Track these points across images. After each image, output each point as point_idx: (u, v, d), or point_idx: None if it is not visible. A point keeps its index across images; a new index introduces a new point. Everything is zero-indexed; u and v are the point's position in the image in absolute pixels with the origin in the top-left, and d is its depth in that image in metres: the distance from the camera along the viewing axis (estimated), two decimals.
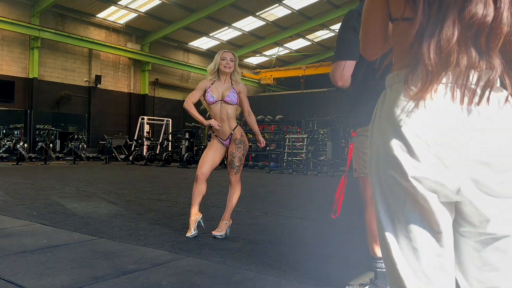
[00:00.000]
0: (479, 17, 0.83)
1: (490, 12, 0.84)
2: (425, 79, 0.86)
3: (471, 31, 0.85)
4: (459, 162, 0.87)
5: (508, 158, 0.88)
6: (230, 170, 3.76)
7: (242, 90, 3.77)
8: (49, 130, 18.19)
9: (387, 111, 0.95)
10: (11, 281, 2.44)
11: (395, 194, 0.93)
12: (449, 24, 0.84)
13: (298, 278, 2.58)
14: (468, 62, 0.86)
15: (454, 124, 0.87)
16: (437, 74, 0.86)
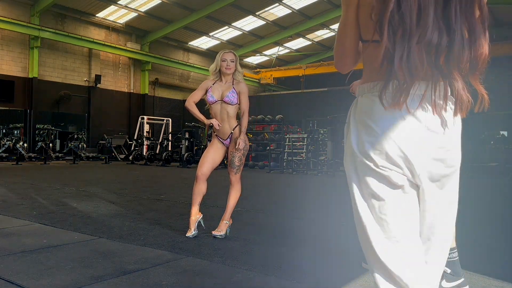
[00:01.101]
0: (435, 43, 1.04)
1: (444, 38, 1.04)
2: (399, 92, 1.06)
3: (431, 54, 1.05)
4: (419, 158, 1.12)
5: (456, 155, 1.17)
6: (230, 170, 3.77)
7: (242, 91, 3.78)
8: (49, 130, 18.18)
9: (360, 116, 1.17)
10: (11, 281, 2.44)
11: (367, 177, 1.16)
12: (413, 49, 1.03)
13: (298, 278, 2.58)
14: (431, 78, 1.08)
15: (417, 127, 1.10)
16: (407, 89, 1.06)
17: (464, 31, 1.06)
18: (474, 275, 2.75)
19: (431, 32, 1.04)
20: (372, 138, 1.14)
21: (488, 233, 4.22)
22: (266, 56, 25.32)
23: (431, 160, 1.14)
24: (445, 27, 1.06)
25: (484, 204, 6.72)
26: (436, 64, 1.07)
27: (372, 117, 1.14)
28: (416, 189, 1.18)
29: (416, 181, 1.16)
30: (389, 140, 1.12)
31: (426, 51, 1.05)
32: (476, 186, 9.91)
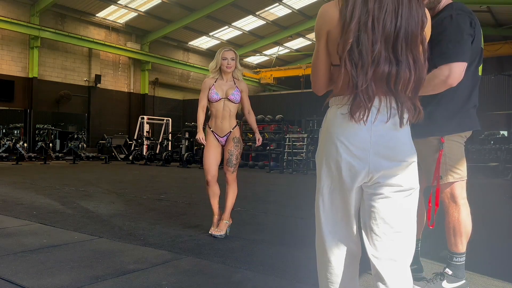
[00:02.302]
0: (386, 72, 1.38)
1: (393, 69, 1.38)
2: (362, 106, 1.39)
3: (384, 79, 1.40)
4: (369, 156, 1.42)
5: (406, 152, 1.46)
6: (227, 169, 3.74)
7: (244, 89, 3.80)
8: (49, 130, 18.19)
9: (328, 125, 1.50)
10: (11, 281, 2.44)
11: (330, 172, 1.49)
12: (370, 77, 1.37)
13: (298, 278, 2.58)
14: (384, 96, 1.42)
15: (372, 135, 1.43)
16: (368, 103, 1.39)
17: (410, 61, 1.40)
18: (474, 275, 2.75)
19: (383, 65, 1.38)
20: (333, 146, 1.47)
21: (488, 233, 4.22)
22: (266, 56, 25.32)
23: (383, 159, 1.43)
24: (394, 59, 1.39)
25: (484, 204, 6.72)
26: (388, 87, 1.40)
27: (336, 127, 1.47)
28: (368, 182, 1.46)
29: (370, 176, 1.44)
30: (346, 149, 1.44)
31: (380, 78, 1.39)
32: (476, 186, 9.92)
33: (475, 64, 2.31)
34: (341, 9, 1.41)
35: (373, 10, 1.37)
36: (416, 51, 1.42)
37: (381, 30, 1.38)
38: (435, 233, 4.19)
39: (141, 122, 19.12)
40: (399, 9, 1.38)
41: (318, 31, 1.50)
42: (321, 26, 1.48)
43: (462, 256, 2.42)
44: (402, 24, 1.38)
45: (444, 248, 3.49)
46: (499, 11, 16.74)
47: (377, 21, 1.37)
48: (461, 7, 2.30)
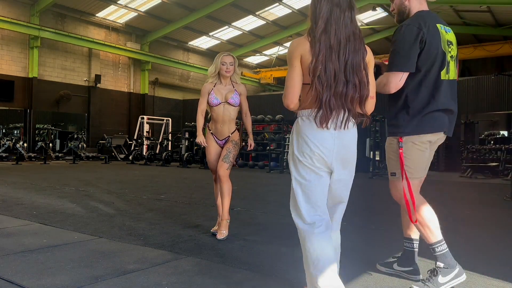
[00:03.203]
0: (340, 91, 2.00)
1: (345, 89, 2.01)
2: (325, 117, 1.99)
3: (343, 97, 2.01)
4: (333, 157, 2.05)
5: (353, 153, 2.13)
6: (221, 164, 3.71)
7: (242, 92, 3.85)
8: (49, 130, 18.19)
9: (300, 131, 2.07)
10: (11, 281, 2.44)
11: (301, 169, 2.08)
12: (331, 94, 1.99)
13: (298, 278, 2.58)
14: (342, 109, 2.02)
15: (333, 139, 2.03)
16: (328, 117, 1.99)
17: (356, 82, 2.01)
18: (474, 275, 2.75)
19: (340, 86, 1.99)
20: (307, 146, 2.04)
21: (488, 233, 4.22)
22: (266, 56, 25.31)
23: (340, 157, 2.06)
24: (346, 81, 2.00)
25: (484, 204, 6.72)
26: (342, 102, 2.01)
27: (308, 133, 2.04)
28: (329, 175, 2.10)
29: (331, 170, 2.09)
30: (317, 148, 2.03)
31: (338, 96, 2.00)
32: (476, 186, 9.92)
33: (436, 69, 2.45)
34: (310, 43, 2.01)
35: (333, 45, 1.98)
36: (361, 74, 2.03)
37: (338, 60, 1.99)
38: None
39: (141, 122, 19.12)
40: (347, 46, 2.00)
41: (292, 56, 2.04)
42: (295, 51, 2.04)
43: (441, 244, 2.48)
44: (349, 57, 2.00)
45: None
46: (499, 11, 16.73)
47: (337, 55, 1.99)
48: (417, 17, 2.49)
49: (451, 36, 2.56)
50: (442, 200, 7.08)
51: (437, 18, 2.54)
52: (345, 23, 2.02)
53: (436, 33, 2.44)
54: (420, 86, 2.46)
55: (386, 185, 2.99)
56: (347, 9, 2.03)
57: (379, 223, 4.56)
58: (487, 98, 14.66)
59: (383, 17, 19.45)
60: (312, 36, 2.02)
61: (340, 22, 2.01)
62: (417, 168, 2.57)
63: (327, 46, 1.98)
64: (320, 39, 1.98)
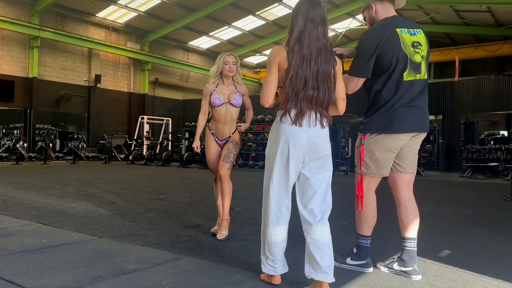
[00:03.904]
0: (310, 95, 2.32)
1: (315, 93, 2.33)
2: (297, 117, 2.32)
3: (313, 100, 2.33)
4: (306, 151, 2.34)
5: (326, 148, 2.39)
6: (222, 164, 3.70)
7: (245, 93, 3.85)
8: (49, 130, 18.19)
9: (278, 128, 2.38)
10: (11, 281, 2.44)
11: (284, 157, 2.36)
12: (302, 97, 2.31)
13: (298, 278, 2.58)
14: (312, 109, 2.34)
15: (306, 134, 2.33)
16: (301, 115, 2.32)
17: (326, 88, 2.34)
18: (474, 275, 2.75)
19: (310, 90, 2.31)
20: (283, 141, 2.34)
21: (488, 233, 4.22)
22: (266, 56, 25.30)
23: (313, 152, 2.35)
24: (317, 87, 2.32)
25: (484, 204, 6.72)
26: (312, 104, 2.33)
27: (284, 130, 2.34)
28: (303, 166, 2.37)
29: (304, 163, 2.36)
30: (295, 142, 2.32)
31: (308, 98, 2.32)
32: (476, 186, 9.91)
33: (398, 71, 2.65)
34: (287, 51, 2.31)
35: (305, 55, 2.29)
36: (330, 82, 2.35)
37: (309, 68, 2.29)
38: (434, 233, 4.20)
39: (141, 122, 19.12)
40: (318, 57, 2.31)
41: (272, 62, 2.35)
42: (274, 58, 2.35)
43: (366, 239, 2.81)
44: (321, 66, 2.31)
45: (444, 248, 3.50)
46: (499, 11, 16.73)
47: (307, 63, 2.29)
48: (379, 26, 2.74)
49: (420, 37, 2.74)
50: (442, 200, 7.08)
51: (400, 23, 2.73)
52: (317, 37, 2.31)
53: (394, 40, 2.64)
54: (384, 87, 2.70)
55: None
56: (320, 24, 2.32)
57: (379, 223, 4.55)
58: (487, 98, 14.66)
59: None
60: (288, 46, 2.32)
61: (313, 35, 2.30)
62: (378, 165, 2.76)
63: (300, 56, 2.28)
64: (294, 49, 2.29)
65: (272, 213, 2.41)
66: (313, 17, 2.31)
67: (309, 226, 2.34)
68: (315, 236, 2.32)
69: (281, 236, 2.42)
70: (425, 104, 2.77)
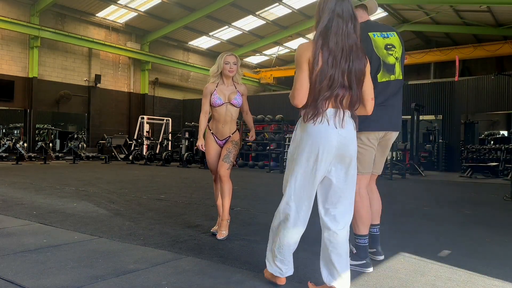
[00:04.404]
0: (340, 94, 2.20)
1: (346, 92, 2.22)
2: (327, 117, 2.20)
3: (343, 99, 2.22)
4: (333, 151, 2.21)
5: (353, 148, 2.27)
6: (222, 164, 3.70)
7: (244, 93, 3.85)
8: (49, 130, 18.20)
9: (307, 129, 2.24)
10: (11, 281, 2.44)
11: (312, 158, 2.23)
12: (331, 96, 2.20)
13: (298, 278, 2.58)
14: (341, 109, 2.22)
15: (333, 134, 2.20)
16: (331, 115, 2.20)
17: (356, 88, 2.23)
18: (474, 275, 2.75)
19: (340, 89, 2.19)
20: (312, 142, 2.21)
21: (487, 233, 4.22)
22: (266, 56, 25.31)
23: (341, 155, 2.23)
24: (349, 86, 2.21)
25: (484, 204, 6.72)
26: (342, 104, 2.22)
27: (313, 130, 2.21)
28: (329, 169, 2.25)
29: (331, 167, 2.24)
30: (322, 143, 2.19)
31: (339, 98, 2.20)
32: (476, 186, 9.91)
33: (372, 74, 2.68)
34: (315, 49, 2.17)
35: (334, 53, 2.16)
36: (361, 81, 2.26)
37: (339, 66, 2.17)
38: (434, 233, 4.20)
39: (141, 122, 19.12)
40: (349, 55, 2.18)
41: (302, 58, 2.21)
42: (304, 54, 2.21)
43: (364, 238, 2.87)
44: (352, 65, 2.19)
45: (444, 248, 3.50)
46: (499, 11, 16.73)
47: (337, 61, 2.16)
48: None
49: (394, 39, 2.89)
50: (442, 200, 7.08)
51: (373, 27, 2.89)
52: (348, 33, 2.18)
53: (366, 44, 2.76)
54: None
55: (382, 185, 3.00)
56: (349, 20, 2.20)
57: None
58: (487, 98, 14.66)
59: (383, 17, 19.43)
60: (316, 43, 2.18)
61: (341, 32, 2.18)
62: (362, 163, 2.84)
63: (329, 53, 2.15)
64: (322, 46, 2.16)
65: (291, 214, 2.29)
66: (341, 12, 2.19)
67: (331, 233, 2.25)
68: (337, 243, 2.25)
69: (295, 238, 2.34)
70: (399, 103, 2.93)
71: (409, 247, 3.45)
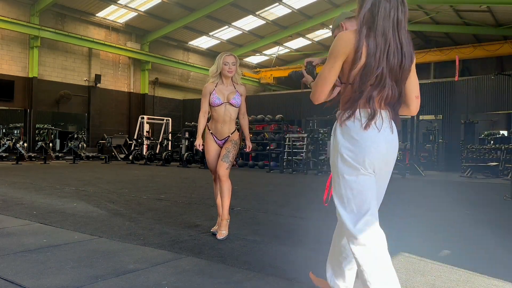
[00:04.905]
0: (386, 94, 1.88)
1: (393, 91, 1.89)
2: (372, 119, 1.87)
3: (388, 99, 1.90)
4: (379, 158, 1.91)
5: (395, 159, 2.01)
6: (221, 164, 3.70)
7: (243, 93, 3.85)
8: (49, 130, 18.20)
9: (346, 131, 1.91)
10: (11, 281, 2.44)
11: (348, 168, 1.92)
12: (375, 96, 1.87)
13: (298, 278, 2.58)
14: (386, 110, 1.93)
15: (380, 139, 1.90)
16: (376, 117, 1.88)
17: (402, 84, 1.92)
18: (474, 274, 2.75)
19: (387, 88, 1.87)
20: (354, 146, 1.89)
21: (487, 233, 4.22)
22: (266, 56, 25.31)
23: (384, 162, 1.94)
24: (392, 82, 1.88)
25: (484, 204, 6.72)
26: (387, 104, 1.91)
27: (356, 134, 1.88)
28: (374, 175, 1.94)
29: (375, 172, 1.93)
30: (365, 148, 1.87)
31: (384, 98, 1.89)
32: (476, 186, 9.91)
33: None
34: (358, 41, 1.82)
35: (380, 44, 1.82)
36: (406, 77, 1.92)
37: (387, 61, 1.83)
38: (435, 233, 4.20)
39: (141, 122, 19.12)
40: (399, 48, 1.85)
41: (340, 51, 1.85)
42: (344, 47, 1.85)
43: None
44: (403, 60, 1.86)
45: (444, 248, 3.50)
46: (499, 11, 16.73)
47: (383, 54, 1.82)
48: None
49: None
50: (442, 200, 7.08)
51: None
52: (398, 20, 1.83)
53: None
54: None
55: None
56: (400, 4, 1.85)
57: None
58: (487, 98, 14.66)
59: None
60: (359, 32, 1.83)
61: (390, 18, 1.82)
62: None
63: (375, 45, 1.81)
64: (368, 38, 1.81)
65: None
66: None
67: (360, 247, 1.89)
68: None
69: None
70: None
71: (409, 247, 3.45)
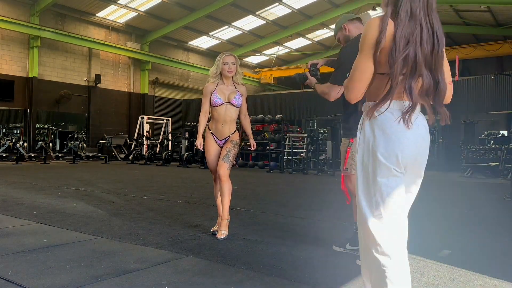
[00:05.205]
0: (425, 84, 1.69)
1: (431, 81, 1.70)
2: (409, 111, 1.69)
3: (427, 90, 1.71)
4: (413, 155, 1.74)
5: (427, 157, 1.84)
6: (221, 164, 3.69)
7: (244, 93, 3.85)
8: (49, 130, 18.20)
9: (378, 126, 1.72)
10: (11, 281, 2.44)
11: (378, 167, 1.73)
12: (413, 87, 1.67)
13: (298, 278, 2.58)
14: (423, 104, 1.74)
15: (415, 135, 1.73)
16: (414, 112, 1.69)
17: (438, 73, 1.71)
18: (474, 274, 2.75)
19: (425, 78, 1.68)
20: (386, 141, 1.70)
21: (487, 233, 4.22)
22: (266, 56, 25.31)
23: (418, 161, 1.78)
24: (428, 71, 1.69)
25: (484, 204, 6.72)
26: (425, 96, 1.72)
27: (390, 129, 1.70)
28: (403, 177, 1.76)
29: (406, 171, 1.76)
30: (398, 144, 1.69)
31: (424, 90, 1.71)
32: (476, 186, 9.91)
33: None
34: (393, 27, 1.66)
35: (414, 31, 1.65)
36: (441, 64, 1.73)
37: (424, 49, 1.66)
38: (434, 233, 4.20)
39: (141, 122, 19.12)
40: (434, 33, 1.68)
41: (365, 40, 1.69)
42: (368, 35, 1.68)
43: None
44: (435, 45, 1.68)
45: (444, 248, 3.50)
46: (499, 11, 16.73)
47: (418, 40, 1.65)
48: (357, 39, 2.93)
49: None
50: (442, 200, 7.08)
51: None
52: (429, 3, 1.69)
53: None
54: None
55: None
56: None
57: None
58: (487, 98, 14.66)
59: None
60: (384, 17, 1.67)
61: (420, 1, 1.67)
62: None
63: (410, 30, 1.65)
64: (396, 21, 1.65)
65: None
66: None
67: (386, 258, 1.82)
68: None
69: None
70: None
71: (409, 247, 3.44)
